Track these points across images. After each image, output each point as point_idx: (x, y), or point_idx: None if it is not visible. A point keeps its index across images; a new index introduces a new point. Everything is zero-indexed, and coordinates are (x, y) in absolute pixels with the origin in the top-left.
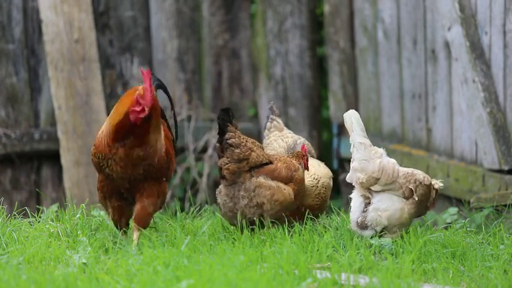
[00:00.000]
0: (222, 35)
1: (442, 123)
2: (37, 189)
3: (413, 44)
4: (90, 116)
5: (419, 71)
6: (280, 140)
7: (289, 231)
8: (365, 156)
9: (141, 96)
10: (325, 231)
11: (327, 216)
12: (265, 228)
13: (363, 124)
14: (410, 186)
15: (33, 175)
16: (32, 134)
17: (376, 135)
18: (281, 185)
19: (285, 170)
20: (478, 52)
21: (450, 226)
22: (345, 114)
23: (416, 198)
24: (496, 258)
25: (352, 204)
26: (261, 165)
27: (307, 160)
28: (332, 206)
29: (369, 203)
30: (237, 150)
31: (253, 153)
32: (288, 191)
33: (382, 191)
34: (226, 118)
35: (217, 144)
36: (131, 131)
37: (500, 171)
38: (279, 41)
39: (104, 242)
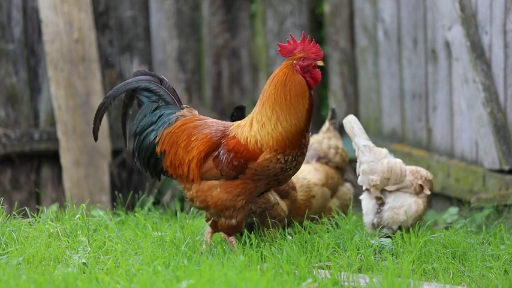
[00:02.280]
0: (222, 35)
1: (442, 123)
2: (37, 189)
3: (413, 43)
4: (90, 116)
5: (420, 71)
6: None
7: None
8: (372, 158)
9: (304, 56)
10: (326, 231)
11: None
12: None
13: (362, 127)
14: (419, 182)
15: (33, 175)
16: (31, 134)
17: (376, 135)
18: (282, 203)
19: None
20: (479, 52)
21: (450, 226)
22: (344, 121)
23: (429, 192)
24: (496, 258)
25: (363, 207)
26: None
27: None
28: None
29: (382, 204)
30: None
31: None
32: (284, 209)
33: (396, 190)
34: (240, 116)
35: None
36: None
37: (500, 171)
38: (279, 41)
39: (104, 242)
